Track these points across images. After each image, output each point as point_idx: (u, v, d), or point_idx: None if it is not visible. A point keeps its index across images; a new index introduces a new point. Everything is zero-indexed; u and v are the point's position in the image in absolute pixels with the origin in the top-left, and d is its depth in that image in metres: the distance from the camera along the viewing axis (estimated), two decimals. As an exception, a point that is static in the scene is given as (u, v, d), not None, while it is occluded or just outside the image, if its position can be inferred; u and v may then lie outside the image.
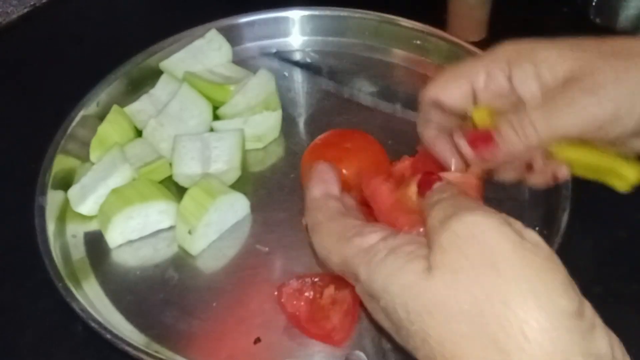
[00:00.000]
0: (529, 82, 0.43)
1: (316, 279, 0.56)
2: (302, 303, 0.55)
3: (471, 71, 0.45)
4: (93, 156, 0.68)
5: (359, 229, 0.38)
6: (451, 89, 0.45)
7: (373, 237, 0.37)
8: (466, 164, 0.45)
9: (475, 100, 0.46)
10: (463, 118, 0.47)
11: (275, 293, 0.56)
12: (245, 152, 0.69)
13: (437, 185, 0.39)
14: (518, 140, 0.41)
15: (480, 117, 0.45)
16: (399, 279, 0.34)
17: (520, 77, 0.43)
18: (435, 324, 0.32)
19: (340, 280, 0.55)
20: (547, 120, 0.41)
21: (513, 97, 0.44)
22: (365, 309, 0.56)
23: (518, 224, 0.34)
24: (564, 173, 0.47)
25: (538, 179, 0.47)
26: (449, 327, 0.31)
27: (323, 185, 0.43)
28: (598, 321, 0.32)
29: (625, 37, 0.44)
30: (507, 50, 0.44)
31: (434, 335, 0.32)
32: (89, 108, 0.70)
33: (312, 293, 0.55)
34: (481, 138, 0.41)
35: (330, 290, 0.55)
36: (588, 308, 0.32)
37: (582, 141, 0.43)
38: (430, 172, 0.41)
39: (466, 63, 0.46)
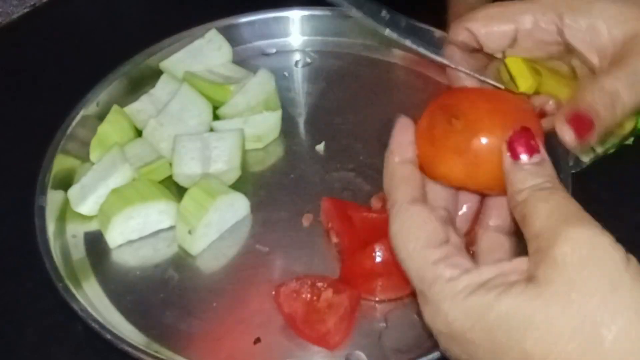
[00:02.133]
0: (585, 38, 0.41)
1: (315, 281, 0.56)
2: (299, 304, 0.55)
3: (519, 13, 0.42)
4: (93, 156, 0.68)
5: (446, 251, 0.35)
6: (494, 26, 0.42)
7: (460, 266, 0.34)
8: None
9: (514, 44, 0.43)
10: (490, 59, 0.44)
11: (273, 293, 0.56)
12: (245, 152, 0.69)
13: (535, 159, 0.35)
14: (611, 117, 0.37)
15: (514, 66, 0.42)
16: (501, 306, 0.32)
17: (573, 32, 0.40)
18: (542, 343, 0.30)
19: (339, 284, 0.56)
20: (633, 93, 0.38)
21: (559, 48, 0.42)
22: (362, 313, 0.56)
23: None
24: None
25: None
26: (557, 347, 0.30)
27: (409, 151, 0.39)
28: None
29: None
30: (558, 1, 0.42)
31: (538, 354, 0.30)
32: (89, 108, 0.70)
33: (309, 295, 0.55)
34: (579, 118, 0.36)
35: (327, 294, 0.55)
36: None
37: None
38: (527, 128, 0.35)
39: (514, 3, 0.43)
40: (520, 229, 0.35)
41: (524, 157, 0.35)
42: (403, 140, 0.39)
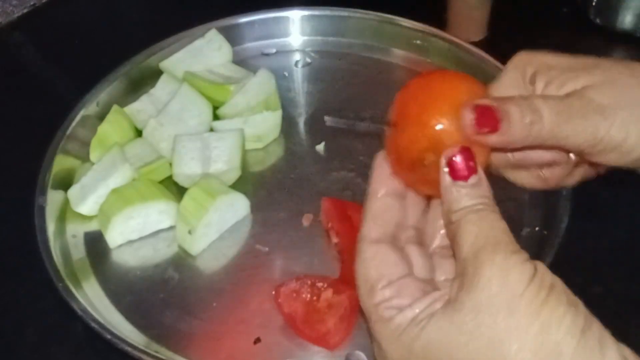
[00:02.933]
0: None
1: (315, 281, 0.56)
2: (299, 304, 0.55)
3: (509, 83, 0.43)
4: (93, 156, 0.68)
5: (390, 292, 0.37)
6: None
7: (397, 307, 0.36)
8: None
9: None
10: None
11: (273, 293, 0.56)
12: (245, 152, 0.69)
13: (472, 180, 0.36)
14: (522, 127, 0.38)
15: None
16: (419, 340, 0.34)
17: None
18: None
19: (339, 284, 0.56)
20: (556, 118, 0.38)
21: None
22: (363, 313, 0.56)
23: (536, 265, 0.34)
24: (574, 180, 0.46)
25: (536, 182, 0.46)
26: None
27: (386, 184, 0.40)
28: (607, 335, 0.32)
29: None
30: (523, 65, 0.43)
31: None
32: (89, 108, 0.70)
33: (309, 295, 0.55)
34: (487, 113, 0.37)
35: (327, 294, 0.55)
36: (595, 324, 0.33)
37: None
38: (467, 148, 0.36)
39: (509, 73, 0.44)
40: (452, 247, 0.37)
41: (462, 177, 0.36)
42: (380, 174, 0.41)
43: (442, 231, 0.41)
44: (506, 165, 0.44)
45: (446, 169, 0.36)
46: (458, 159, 0.36)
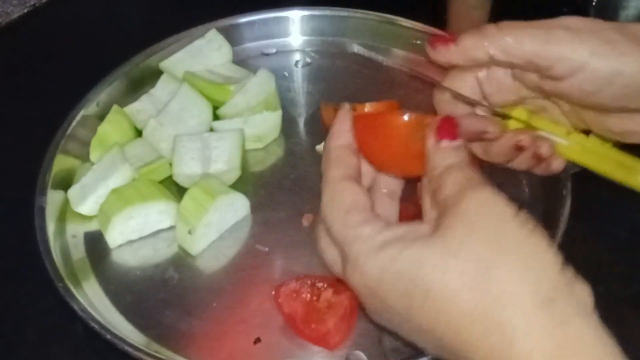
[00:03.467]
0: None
1: (315, 281, 0.56)
2: (299, 304, 0.55)
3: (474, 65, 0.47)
4: (93, 156, 0.68)
5: (366, 214, 0.39)
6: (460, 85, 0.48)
7: (378, 225, 0.38)
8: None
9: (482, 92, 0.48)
10: (496, 115, 0.48)
11: (273, 293, 0.56)
12: (245, 152, 0.69)
13: (454, 143, 0.39)
14: (473, 41, 0.43)
15: (520, 115, 0.47)
16: (403, 256, 0.36)
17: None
18: (440, 282, 0.34)
19: (340, 284, 0.56)
20: (508, 34, 0.44)
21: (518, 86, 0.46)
22: (363, 313, 0.56)
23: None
24: (558, 165, 0.49)
25: (527, 164, 0.49)
26: (452, 283, 0.34)
27: (345, 137, 0.44)
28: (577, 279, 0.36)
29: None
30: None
31: (437, 290, 0.34)
32: (89, 108, 0.70)
33: (309, 295, 0.55)
34: (443, 38, 0.43)
35: (327, 294, 0.55)
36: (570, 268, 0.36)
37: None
38: (452, 118, 0.41)
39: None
40: (429, 201, 0.39)
41: (445, 141, 0.40)
42: (343, 127, 0.44)
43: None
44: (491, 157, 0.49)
45: (432, 132, 0.40)
46: (445, 124, 0.40)
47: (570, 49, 0.43)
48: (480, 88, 0.48)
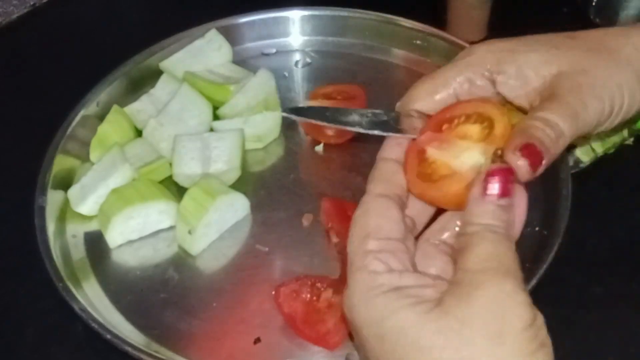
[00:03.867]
0: (515, 85, 0.43)
1: (315, 282, 0.56)
2: (299, 304, 0.55)
3: (451, 79, 0.44)
4: (93, 156, 0.68)
5: (383, 245, 0.36)
6: (436, 99, 0.44)
7: (387, 264, 0.36)
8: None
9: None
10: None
11: (273, 292, 0.56)
12: (245, 152, 0.69)
13: (503, 201, 0.36)
14: (557, 151, 0.39)
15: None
16: (398, 317, 0.33)
17: (505, 82, 0.43)
18: None
19: (339, 284, 0.56)
20: (572, 125, 0.40)
21: (498, 98, 0.44)
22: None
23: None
24: None
25: None
26: None
27: (396, 151, 0.42)
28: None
29: (590, 30, 0.45)
30: (485, 54, 0.44)
31: None
32: (89, 108, 0.70)
33: (309, 295, 0.55)
34: (532, 151, 0.37)
35: (327, 294, 0.55)
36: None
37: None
38: (511, 170, 0.36)
39: (444, 70, 0.45)
40: (454, 254, 0.36)
41: (493, 195, 0.36)
42: (397, 140, 0.42)
43: (448, 233, 0.41)
44: None
45: (481, 183, 0.36)
46: (498, 177, 0.36)
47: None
48: (457, 100, 0.45)
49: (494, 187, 0.36)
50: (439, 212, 0.42)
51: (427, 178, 0.39)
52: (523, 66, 0.42)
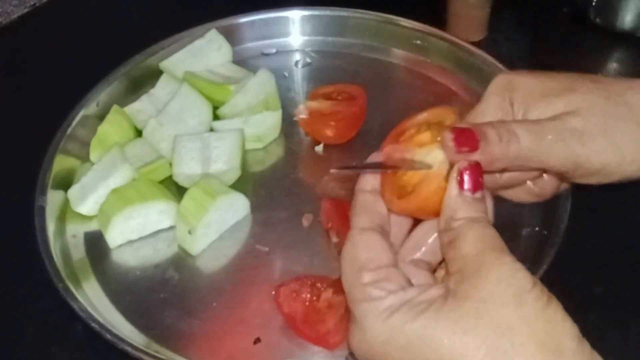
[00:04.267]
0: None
1: (315, 282, 0.56)
2: (299, 304, 0.55)
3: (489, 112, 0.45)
4: (93, 156, 0.68)
5: (378, 275, 0.38)
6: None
7: (387, 288, 0.37)
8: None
9: None
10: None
11: (273, 292, 0.56)
12: (245, 152, 0.69)
13: (478, 194, 0.38)
14: (499, 146, 0.39)
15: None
16: (414, 326, 0.35)
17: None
18: (457, 350, 0.33)
19: (339, 284, 0.56)
20: (533, 140, 0.40)
21: None
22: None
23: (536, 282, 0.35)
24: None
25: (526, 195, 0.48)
26: (469, 352, 0.33)
27: (372, 182, 0.43)
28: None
29: (616, 79, 0.44)
30: (502, 89, 0.44)
31: None
32: (89, 108, 0.70)
33: (309, 295, 0.55)
34: (465, 135, 0.39)
35: (327, 294, 0.55)
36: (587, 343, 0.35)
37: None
38: (478, 164, 0.39)
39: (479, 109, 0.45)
40: (443, 251, 0.38)
41: (468, 190, 0.38)
42: (369, 174, 0.43)
43: (424, 248, 0.42)
44: (496, 187, 0.46)
45: (455, 180, 0.38)
46: (468, 172, 0.38)
47: (589, 153, 0.41)
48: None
49: (468, 182, 0.38)
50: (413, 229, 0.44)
51: (403, 192, 0.41)
52: (529, 110, 0.43)
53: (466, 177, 0.38)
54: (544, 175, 0.46)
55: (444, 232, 0.38)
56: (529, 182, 0.47)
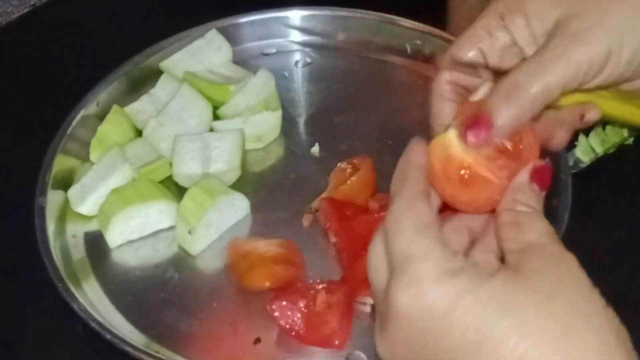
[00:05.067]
0: (524, 35, 0.42)
1: (306, 287, 0.55)
2: (297, 313, 0.54)
3: (476, 33, 0.44)
4: (93, 156, 0.68)
5: (439, 237, 0.35)
6: (465, 50, 0.44)
7: (450, 250, 0.35)
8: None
9: (485, 60, 0.44)
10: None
11: (267, 307, 0.55)
12: (245, 152, 0.69)
13: (543, 193, 0.38)
14: (512, 110, 0.38)
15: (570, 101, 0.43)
16: (485, 289, 0.32)
17: (515, 31, 0.42)
18: (525, 327, 0.31)
19: (330, 284, 0.55)
20: (535, 78, 0.39)
21: (518, 51, 0.43)
22: (363, 313, 0.56)
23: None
24: (594, 114, 0.44)
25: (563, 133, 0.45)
26: (536, 329, 0.31)
27: (420, 156, 0.40)
28: None
29: None
30: (499, 4, 0.43)
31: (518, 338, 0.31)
32: (89, 108, 0.70)
33: (305, 302, 0.54)
34: (474, 120, 0.38)
35: (322, 296, 0.55)
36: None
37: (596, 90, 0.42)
38: (549, 166, 0.39)
39: (474, 24, 0.45)
40: (501, 230, 0.37)
41: (536, 186, 0.38)
42: (419, 147, 0.40)
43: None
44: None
45: (528, 171, 0.38)
46: (542, 171, 0.38)
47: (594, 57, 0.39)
48: (484, 58, 0.44)
49: (538, 179, 0.38)
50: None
51: (458, 181, 0.39)
52: (529, 14, 0.42)
53: (542, 174, 0.38)
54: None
55: (506, 210, 0.37)
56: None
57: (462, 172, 0.39)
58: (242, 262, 0.57)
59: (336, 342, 0.54)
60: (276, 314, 0.54)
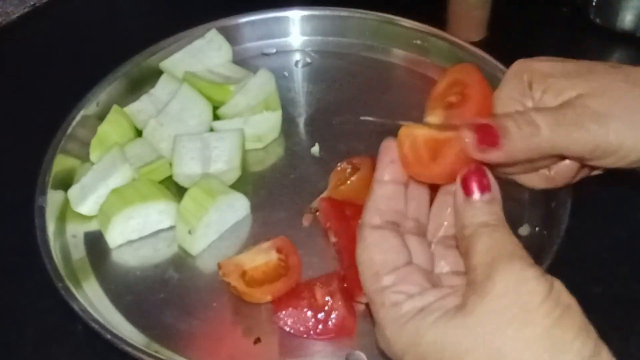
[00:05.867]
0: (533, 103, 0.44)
1: (303, 287, 0.56)
2: (302, 314, 0.54)
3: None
4: (93, 156, 0.68)
5: (395, 277, 0.38)
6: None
7: (405, 292, 0.37)
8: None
9: None
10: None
11: (273, 317, 0.55)
12: (245, 152, 0.69)
13: (485, 197, 0.37)
14: (521, 140, 0.39)
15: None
16: (429, 335, 0.35)
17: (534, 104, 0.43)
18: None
19: (324, 278, 0.56)
20: (553, 129, 0.39)
21: None
22: (362, 313, 0.56)
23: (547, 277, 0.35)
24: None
25: (539, 181, 0.47)
26: None
27: (390, 171, 0.41)
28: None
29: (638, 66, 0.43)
30: (526, 74, 0.44)
31: None
32: (89, 108, 0.70)
33: (306, 300, 0.55)
34: (486, 131, 0.39)
35: (320, 290, 0.55)
36: (604, 351, 0.33)
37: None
38: (481, 167, 0.38)
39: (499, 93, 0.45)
40: (464, 261, 0.37)
41: (476, 195, 0.38)
42: (384, 160, 0.41)
43: (446, 223, 0.42)
44: (514, 171, 0.45)
45: (460, 187, 0.38)
46: (472, 178, 0.38)
47: (608, 138, 0.40)
48: None
49: (473, 188, 0.37)
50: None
51: (428, 157, 0.40)
52: (547, 90, 0.42)
53: (470, 183, 0.38)
54: (566, 160, 0.45)
55: (460, 242, 0.38)
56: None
57: (427, 144, 0.40)
58: (239, 283, 0.57)
59: (350, 328, 0.54)
60: (287, 327, 0.55)
